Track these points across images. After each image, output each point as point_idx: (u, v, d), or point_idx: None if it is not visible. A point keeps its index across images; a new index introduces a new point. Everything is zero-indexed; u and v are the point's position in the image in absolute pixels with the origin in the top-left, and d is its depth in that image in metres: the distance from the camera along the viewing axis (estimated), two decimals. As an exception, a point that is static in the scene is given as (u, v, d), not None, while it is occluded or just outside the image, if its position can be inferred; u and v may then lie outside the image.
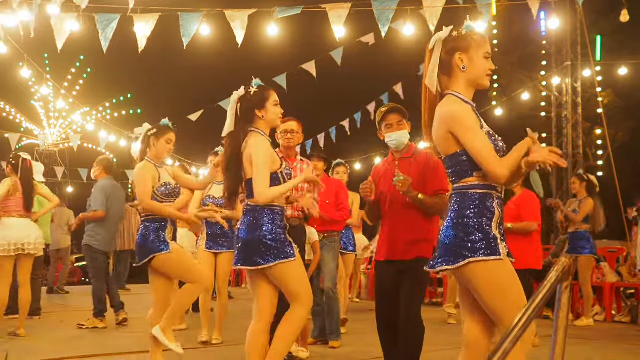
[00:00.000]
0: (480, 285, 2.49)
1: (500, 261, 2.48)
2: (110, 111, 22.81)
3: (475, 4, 7.90)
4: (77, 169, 17.79)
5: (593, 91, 13.96)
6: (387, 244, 3.83)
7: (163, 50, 11.45)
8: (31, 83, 20.81)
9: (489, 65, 2.64)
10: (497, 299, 2.48)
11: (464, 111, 2.56)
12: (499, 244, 2.50)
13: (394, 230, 3.79)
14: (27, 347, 5.42)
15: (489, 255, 2.47)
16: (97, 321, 6.69)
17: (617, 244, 11.52)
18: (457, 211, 2.55)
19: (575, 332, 6.76)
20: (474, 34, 2.65)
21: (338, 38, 7.87)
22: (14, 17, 7.75)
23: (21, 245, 5.98)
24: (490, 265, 2.47)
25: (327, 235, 5.76)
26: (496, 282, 2.48)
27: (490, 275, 2.48)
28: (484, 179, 2.55)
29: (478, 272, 2.48)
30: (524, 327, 1.84)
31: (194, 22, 7.65)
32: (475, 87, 2.67)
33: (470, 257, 2.47)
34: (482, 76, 2.64)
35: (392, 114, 3.85)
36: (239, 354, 5.36)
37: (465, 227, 2.51)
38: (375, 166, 4.16)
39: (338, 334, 5.74)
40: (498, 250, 2.48)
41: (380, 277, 3.90)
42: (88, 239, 6.87)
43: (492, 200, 2.55)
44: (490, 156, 2.48)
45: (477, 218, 2.51)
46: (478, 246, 2.48)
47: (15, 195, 6.07)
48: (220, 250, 5.72)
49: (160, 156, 4.39)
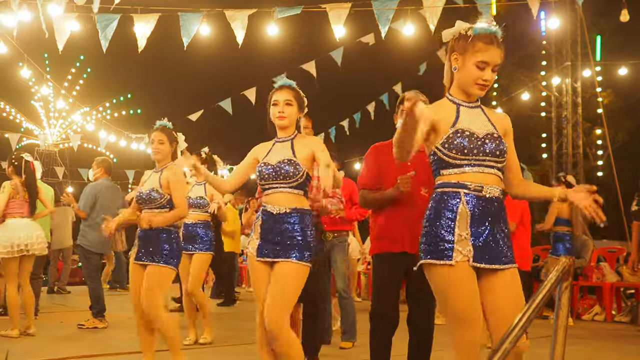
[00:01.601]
0: (433, 286, 2.51)
1: (448, 267, 2.42)
2: (110, 111, 22.81)
3: (475, 4, 7.90)
4: (77, 169, 17.81)
5: (593, 91, 13.96)
6: (392, 235, 3.62)
7: (163, 50, 11.44)
8: (31, 83, 20.81)
9: (481, 75, 2.49)
10: (440, 304, 2.54)
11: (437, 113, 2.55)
12: (452, 247, 2.43)
13: (401, 222, 3.58)
14: (28, 347, 5.42)
15: (438, 259, 2.44)
16: (97, 321, 6.68)
17: (617, 244, 11.53)
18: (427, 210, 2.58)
19: (575, 332, 6.76)
20: (479, 39, 2.49)
21: (338, 38, 7.87)
22: (14, 17, 7.75)
23: (24, 246, 5.99)
24: (439, 268, 2.44)
25: (337, 235, 5.68)
26: (439, 287, 2.47)
27: (437, 278, 2.47)
28: (452, 176, 2.52)
29: (429, 273, 2.50)
30: (524, 327, 1.84)
31: (194, 22, 7.65)
32: (465, 93, 2.58)
33: (422, 259, 2.50)
34: (470, 84, 2.52)
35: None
36: (244, 351, 5.37)
37: (423, 228, 2.54)
38: (376, 149, 3.83)
39: (352, 335, 5.61)
40: (448, 255, 2.42)
41: (382, 270, 3.68)
42: (80, 239, 6.93)
43: (456, 199, 2.48)
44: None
45: (434, 219, 2.50)
46: (427, 248, 2.48)
47: (17, 197, 6.07)
48: (194, 251, 5.71)
49: (155, 158, 4.31)
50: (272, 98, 3.45)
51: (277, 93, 3.45)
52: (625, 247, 9.55)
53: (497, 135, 2.54)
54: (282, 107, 3.39)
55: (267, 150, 3.42)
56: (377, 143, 3.85)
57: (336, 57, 9.75)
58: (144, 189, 4.19)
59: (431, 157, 2.59)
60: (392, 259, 3.61)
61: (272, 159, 3.35)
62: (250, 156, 3.48)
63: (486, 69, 2.49)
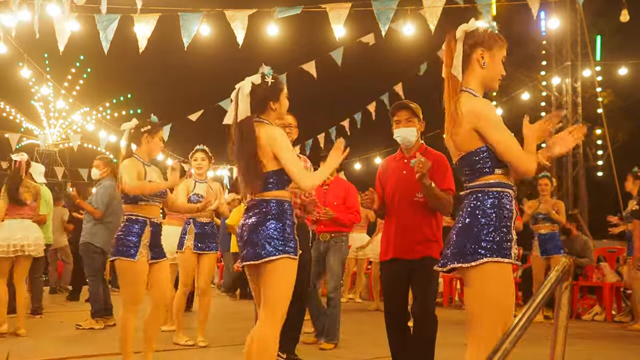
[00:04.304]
0: (490, 285, 2.43)
1: (509, 265, 2.45)
2: (110, 111, 22.78)
3: (475, 4, 7.90)
4: (77, 169, 17.79)
5: (593, 91, 13.96)
6: (394, 243, 3.75)
7: (163, 50, 11.44)
8: (31, 83, 20.79)
9: (502, 70, 2.65)
10: (501, 299, 2.43)
11: (489, 107, 2.55)
12: (512, 246, 2.46)
13: (401, 229, 3.72)
14: (29, 347, 5.43)
15: (504, 257, 2.43)
16: (93, 322, 6.65)
17: (617, 244, 11.51)
18: (474, 208, 2.49)
19: (575, 332, 6.76)
20: (500, 36, 2.64)
21: (338, 38, 7.87)
22: (14, 17, 7.75)
23: (20, 246, 6.00)
24: (503, 267, 2.44)
25: (334, 236, 5.71)
26: (505, 283, 2.45)
27: (502, 276, 2.45)
28: (504, 176, 2.52)
29: (492, 273, 2.43)
30: (524, 327, 1.84)
31: (194, 23, 7.64)
32: (486, 88, 2.63)
33: (487, 257, 2.42)
34: (497, 78, 2.64)
35: (402, 110, 3.80)
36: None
37: (484, 226, 2.45)
38: (381, 165, 4.08)
39: (333, 336, 5.59)
40: (510, 254, 2.45)
41: (388, 277, 3.83)
42: (88, 236, 6.77)
43: (509, 199, 2.51)
44: (519, 151, 2.47)
45: (496, 217, 2.46)
46: (494, 247, 2.43)
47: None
48: (206, 251, 5.72)
49: (151, 154, 4.30)
50: (285, 90, 3.25)
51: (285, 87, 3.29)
52: (625, 247, 9.54)
53: None
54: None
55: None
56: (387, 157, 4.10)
57: (336, 57, 9.74)
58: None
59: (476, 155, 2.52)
60: (393, 265, 3.77)
61: None
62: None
63: (503, 64, 2.65)
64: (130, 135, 4.25)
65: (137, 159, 4.22)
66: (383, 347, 3.98)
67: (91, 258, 6.80)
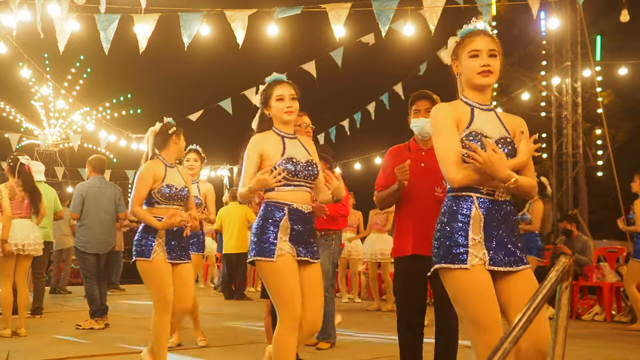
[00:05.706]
0: (450, 290, 2.50)
1: (464, 270, 2.43)
2: (110, 111, 22.76)
3: (476, 4, 7.91)
4: (77, 169, 17.78)
5: (593, 91, 13.95)
6: (414, 238, 3.53)
7: (163, 50, 11.44)
8: (31, 83, 20.78)
9: (477, 62, 2.55)
10: (466, 305, 2.45)
11: (435, 113, 2.61)
12: (467, 251, 2.44)
13: (421, 225, 3.49)
14: (29, 347, 5.43)
15: (452, 263, 2.45)
16: (93, 322, 6.65)
17: (617, 244, 11.53)
18: (439, 214, 2.60)
19: (575, 332, 6.76)
20: (465, 37, 2.62)
21: (338, 38, 7.87)
22: (14, 17, 7.75)
23: (21, 246, 6.03)
24: (457, 272, 2.44)
25: (323, 233, 5.54)
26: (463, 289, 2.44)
27: (458, 282, 2.45)
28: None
29: (446, 278, 2.50)
30: (524, 327, 1.84)
31: (194, 23, 7.65)
32: (473, 88, 2.62)
33: (437, 264, 2.50)
34: (473, 75, 2.58)
35: (422, 99, 3.68)
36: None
37: (435, 232, 2.56)
38: (389, 155, 3.84)
39: (329, 336, 5.51)
40: (463, 259, 2.43)
41: (407, 274, 3.60)
42: (75, 240, 7.00)
43: (469, 203, 2.49)
44: (449, 159, 2.49)
45: (447, 222, 2.51)
46: (440, 253, 2.50)
47: (15, 198, 6.09)
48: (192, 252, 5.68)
49: (179, 154, 4.32)
50: (275, 93, 3.32)
51: (280, 88, 3.34)
52: (626, 247, 9.55)
53: (509, 140, 2.60)
54: (290, 102, 3.32)
55: (279, 145, 3.28)
56: (394, 146, 3.88)
57: (336, 57, 9.75)
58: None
59: None
60: (409, 263, 3.56)
61: (296, 154, 3.27)
62: (255, 154, 3.25)
63: (480, 55, 2.57)
64: (157, 138, 4.22)
65: (160, 161, 4.20)
66: (382, 347, 3.95)
67: (82, 260, 6.88)
